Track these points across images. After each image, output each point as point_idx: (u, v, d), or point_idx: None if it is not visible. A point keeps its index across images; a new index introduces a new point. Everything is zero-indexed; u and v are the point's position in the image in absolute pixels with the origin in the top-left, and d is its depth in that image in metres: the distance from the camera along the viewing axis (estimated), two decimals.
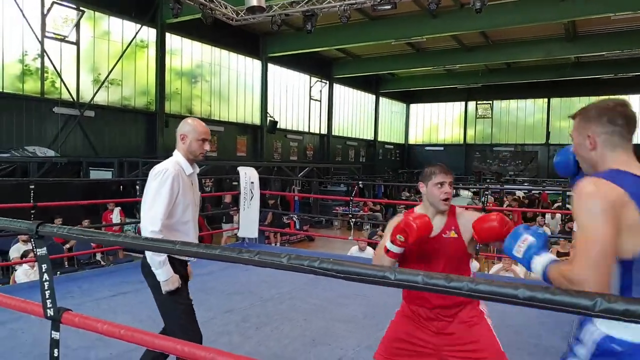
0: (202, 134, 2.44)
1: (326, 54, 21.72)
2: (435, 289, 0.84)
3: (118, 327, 1.29)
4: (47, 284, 1.42)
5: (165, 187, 2.31)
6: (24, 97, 12.28)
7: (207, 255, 1.11)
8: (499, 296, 0.79)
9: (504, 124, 28.72)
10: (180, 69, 16.73)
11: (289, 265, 0.99)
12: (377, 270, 0.88)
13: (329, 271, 0.93)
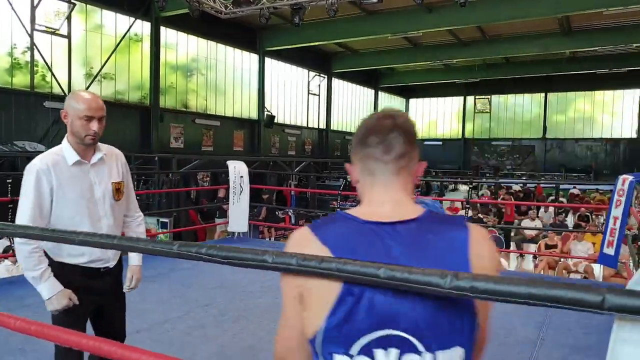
0: (85, 110, 1.95)
1: (324, 48, 21.64)
2: (309, 271, 0.81)
3: (29, 323, 1.25)
4: None
5: (27, 185, 1.94)
6: (14, 91, 12.19)
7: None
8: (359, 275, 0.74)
9: (502, 119, 28.69)
10: (175, 63, 16.66)
11: (177, 252, 0.95)
12: (257, 253, 0.85)
13: (214, 257, 0.90)
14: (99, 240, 1.07)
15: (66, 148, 2.01)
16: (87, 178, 2.04)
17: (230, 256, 0.88)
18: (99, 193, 2.07)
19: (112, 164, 2.15)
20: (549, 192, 14.53)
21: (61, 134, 11.42)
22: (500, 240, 8.42)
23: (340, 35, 17.53)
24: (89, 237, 1.09)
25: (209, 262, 0.92)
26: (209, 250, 0.92)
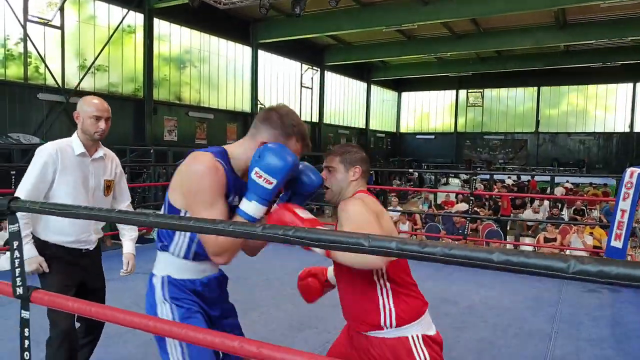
0: (94, 111, 2.31)
1: (317, 41, 21.57)
2: (409, 255, 0.81)
3: (89, 305, 1.25)
4: (17, 261, 1.37)
5: (35, 163, 2.26)
6: (7, 83, 12.04)
7: (174, 227, 1.06)
8: (474, 260, 0.75)
9: (495, 113, 28.80)
10: (168, 55, 16.53)
11: (263, 234, 0.94)
12: (352, 236, 0.85)
13: (303, 239, 0.90)
14: (171, 222, 1.07)
15: (75, 140, 2.36)
16: (86, 169, 2.38)
17: (322, 239, 0.87)
18: (92, 184, 2.41)
19: (108, 164, 2.50)
20: (543, 187, 14.64)
21: (55, 126, 11.40)
22: (499, 233, 8.48)
23: (334, 27, 17.46)
24: (160, 219, 1.08)
25: (296, 244, 0.91)
26: (296, 232, 0.91)
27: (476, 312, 3.88)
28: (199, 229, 1.06)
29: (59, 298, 1.34)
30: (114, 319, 1.20)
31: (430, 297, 4.14)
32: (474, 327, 3.54)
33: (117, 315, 1.17)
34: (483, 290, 4.49)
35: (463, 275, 5.04)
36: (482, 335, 3.40)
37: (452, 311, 3.88)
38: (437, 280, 4.81)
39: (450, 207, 12.56)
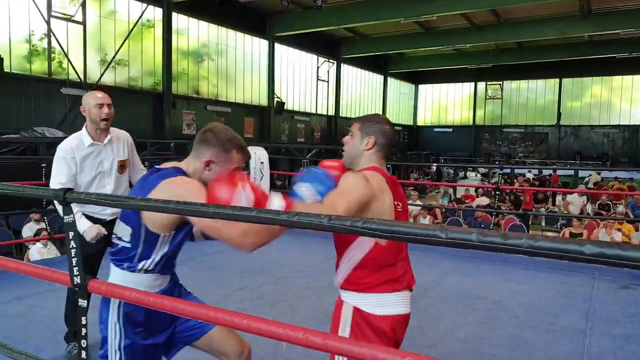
0: (96, 99, 2.71)
1: (334, 34, 21.47)
2: (491, 247, 0.79)
3: (147, 295, 1.26)
4: (73, 251, 1.39)
5: (57, 159, 2.66)
6: (32, 78, 12.25)
7: (243, 218, 1.07)
8: (563, 252, 0.73)
9: (514, 105, 28.39)
10: (186, 49, 16.61)
11: (330, 225, 0.94)
12: (427, 229, 0.84)
13: (374, 231, 0.89)
14: (242, 213, 1.07)
15: (84, 133, 2.72)
16: (99, 156, 2.73)
17: (394, 230, 0.87)
18: (107, 166, 2.75)
19: (120, 145, 2.83)
20: (565, 181, 14.39)
21: (78, 120, 11.56)
22: (522, 227, 8.39)
23: (352, 19, 17.34)
24: (220, 209, 1.09)
25: (364, 235, 0.91)
26: (364, 223, 0.91)
27: (506, 307, 3.85)
28: (259, 219, 1.06)
29: (116, 288, 1.36)
30: (173, 309, 1.21)
31: (456, 291, 4.13)
32: (505, 323, 3.51)
33: (177, 306, 1.18)
34: (511, 284, 4.45)
35: (489, 268, 5.00)
36: (514, 330, 3.37)
37: (481, 306, 3.86)
38: (462, 273, 4.78)
39: (471, 201, 12.46)
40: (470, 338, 3.22)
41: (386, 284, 1.64)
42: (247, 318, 1.10)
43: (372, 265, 1.64)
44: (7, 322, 3.27)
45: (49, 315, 3.42)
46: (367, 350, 0.93)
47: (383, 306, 1.64)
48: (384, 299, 1.65)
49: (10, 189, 1.53)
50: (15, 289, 3.93)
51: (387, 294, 1.65)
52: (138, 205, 1.41)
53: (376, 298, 1.64)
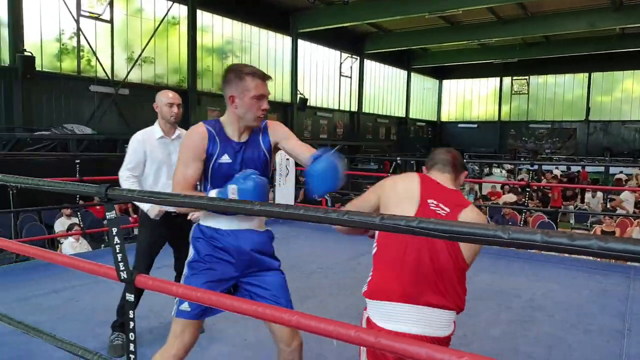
0: (168, 99, 2.96)
1: (357, 29, 21.36)
2: (558, 248, 0.77)
3: (194, 290, 1.27)
4: (118, 247, 1.41)
5: (129, 148, 2.95)
6: (62, 76, 12.52)
7: (291, 216, 1.06)
8: (637, 254, 0.71)
9: (541, 100, 27.82)
10: (211, 46, 16.74)
11: (382, 225, 0.93)
12: (488, 229, 0.82)
13: (430, 231, 0.88)
14: (279, 210, 1.07)
15: (156, 127, 3.00)
16: (167, 149, 2.99)
17: (452, 230, 0.85)
18: (174, 159, 2.79)
19: None
20: (594, 178, 14.04)
21: (106, 117, 11.77)
22: (551, 225, 8.24)
23: (376, 15, 17.22)
24: (267, 207, 1.09)
25: (421, 235, 0.90)
26: (420, 223, 0.89)
27: (540, 306, 3.78)
28: (312, 218, 1.06)
29: (163, 283, 1.37)
30: (220, 305, 1.21)
31: (488, 289, 4.08)
32: (540, 322, 3.45)
33: (224, 302, 1.19)
34: (545, 283, 4.38)
35: (521, 266, 4.93)
36: (550, 330, 3.31)
37: (514, 305, 3.80)
38: (493, 272, 4.72)
39: (497, 198, 12.29)
40: (505, 337, 3.18)
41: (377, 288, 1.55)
42: (297, 314, 1.09)
43: (379, 267, 1.58)
44: (47, 314, 3.34)
45: (86, 307, 3.49)
46: (422, 350, 0.92)
47: (386, 316, 1.53)
48: (383, 308, 1.55)
49: (53, 185, 1.56)
50: (50, 283, 4.02)
51: (393, 304, 1.53)
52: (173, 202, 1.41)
53: (380, 308, 1.55)
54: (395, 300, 1.51)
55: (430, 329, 1.52)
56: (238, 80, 1.84)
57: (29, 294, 3.77)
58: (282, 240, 6.03)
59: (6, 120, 11.31)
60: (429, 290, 1.52)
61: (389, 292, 1.53)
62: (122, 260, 1.40)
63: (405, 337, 1.31)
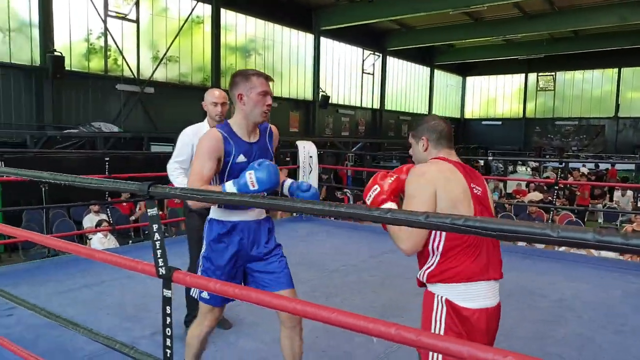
0: (212, 98, 3.05)
1: (380, 26, 21.26)
2: (610, 247, 0.76)
3: (232, 287, 1.29)
4: (158, 243, 1.44)
5: (179, 142, 3.05)
6: (90, 75, 12.78)
7: (332, 213, 1.07)
8: None
9: (568, 97, 27.27)
10: (234, 45, 16.86)
11: (427, 223, 0.93)
12: (536, 227, 0.82)
13: (476, 229, 0.88)
14: (322, 208, 1.08)
15: (204, 123, 3.09)
16: None
17: (501, 229, 0.85)
18: None
19: None
20: (623, 176, 13.73)
21: (132, 115, 11.99)
22: (578, 224, 8.09)
23: (399, 11, 17.11)
24: (308, 205, 1.10)
25: (468, 234, 0.90)
26: (466, 222, 0.89)
27: (569, 306, 3.72)
28: (354, 215, 1.06)
29: (200, 279, 1.40)
30: (258, 301, 1.23)
31: (515, 288, 4.04)
32: (569, 322, 3.40)
33: (262, 298, 1.20)
34: (574, 283, 4.30)
35: (548, 266, 4.85)
36: (579, 330, 3.25)
37: (542, 304, 3.75)
38: (521, 271, 4.65)
39: (522, 196, 12.11)
40: (533, 337, 3.14)
41: (467, 270, 1.61)
42: (336, 312, 1.10)
43: (456, 253, 1.61)
44: (79, 308, 3.42)
45: (116, 302, 3.57)
46: (464, 348, 0.92)
47: (474, 298, 1.62)
48: (473, 290, 1.62)
49: (98, 182, 1.60)
50: (81, 277, 4.11)
51: (474, 284, 1.61)
52: (220, 199, 1.44)
53: (465, 288, 1.62)
54: (489, 279, 1.64)
55: (495, 300, 1.68)
56: (245, 80, 2.06)
57: (64, 288, 3.87)
58: (306, 237, 6.05)
59: (37, 118, 11.60)
60: (497, 263, 1.70)
61: (471, 273, 1.62)
62: (162, 257, 1.43)
63: (489, 313, 1.61)
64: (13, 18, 11.31)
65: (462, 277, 1.60)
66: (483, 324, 1.62)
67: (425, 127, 1.82)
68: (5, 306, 3.36)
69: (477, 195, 1.68)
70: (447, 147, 1.80)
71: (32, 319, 3.12)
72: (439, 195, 1.60)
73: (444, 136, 1.79)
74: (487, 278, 1.62)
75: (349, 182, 16.43)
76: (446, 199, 1.60)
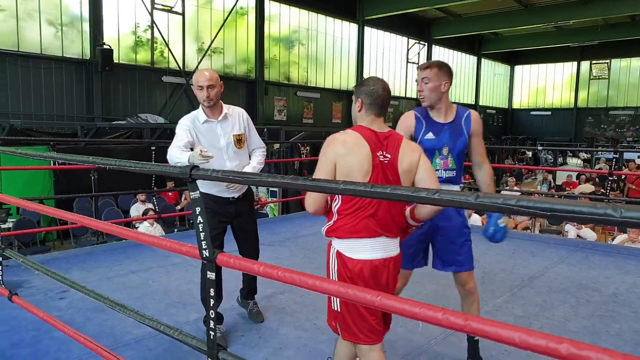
0: (197, 82, 2.74)
1: (425, 14, 20.87)
2: None
3: (275, 269, 1.28)
4: (201, 226, 1.44)
5: (176, 131, 2.79)
6: (137, 67, 13.12)
7: (377, 195, 1.04)
8: None
9: (623, 85, 26.00)
10: (278, 36, 16.91)
11: (477, 203, 0.89)
12: (596, 207, 0.76)
13: (530, 209, 0.82)
14: (364, 189, 1.04)
15: (200, 111, 2.82)
16: (214, 132, 2.80)
17: (555, 209, 0.80)
18: (224, 142, 2.81)
19: (235, 120, 2.87)
20: None
21: (178, 106, 12.23)
22: None
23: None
24: (350, 186, 1.07)
25: (521, 214, 0.84)
26: (519, 202, 0.84)
27: (624, 300, 3.55)
28: (398, 197, 1.03)
29: (244, 261, 1.40)
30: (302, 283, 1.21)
31: (565, 282, 3.88)
32: (624, 317, 3.24)
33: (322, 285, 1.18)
34: (628, 277, 4.10)
35: (600, 260, 4.65)
36: (635, 326, 3.10)
37: (595, 298, 3.59)
38: (571, 264, 4.48)
39: (573, 188, 11.67)
40: (585, 332, 3.01)
41: (358, 230, 1.81)
42: (380, 295, 1.07)
43: (347, 214, 1.82)
44: (127, 293, 3.53)
45: (161, 288, 3.65)
46: (516, 334, 0.87)
47: (361, 251, 1.81)
48: (357, 244, 1.81)
49: (142, 166, 1.61)
50: (128, 264, 4.23)
51: (359, 240, 1.81)
52: (261, 182, 1.43)
53: (350, 242, 1.82)
54: (360, 236, 1.82)
55: (384, 254, 1.85)
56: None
57: (112, 274, 3.99)
58: None
59: (87, 110, 12.02)
60: (389, 222, 1.87)
61: (355, 231, 1.82)
62: (205, 239, 1.43)
63: (373, 265, 1.80)
64: (65, 13, 11.72)
65: (349, 233, 1.80)
66: (367, 273, 1.80)
67: (363, 90, 1.91)
68: (58, 289, 3.50)
69: (382, 163, 1.84)
70: (375, 114, 1.91)
71: (83, 303, 3.23)
72: (337, 165, 1.80)
73: (377, 103, 1.89)
74: (373, 235, 1.81)
75: None
76: (343, 167, 1.79)
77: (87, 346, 2.02)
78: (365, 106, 1.90)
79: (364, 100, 1.90)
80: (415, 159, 1.90)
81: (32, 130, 9.77)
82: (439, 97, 2.44)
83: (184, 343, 1.54)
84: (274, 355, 2.65)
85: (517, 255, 4.77)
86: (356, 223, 1.80)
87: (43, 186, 8.58)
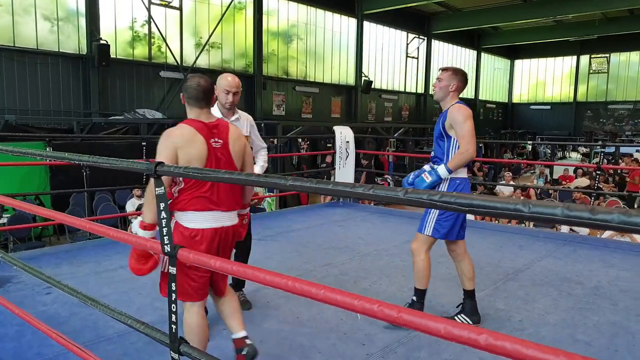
0: (224, 86, 2.97)
1: (424, 9, 20.81)
2: (577, 222, 0.73)
3: (230, 264, 1.32)
4: (164, 221, 1.48)
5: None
6: (134, 62, 13.13)
7: (322, 190, 1.07)
8: None
9: (622, 80, 25.94)
10: (276, 30, 16.90)
11: (405, 199, 0.92)
12: (508, 202, 0.79)
13: (450, 204, 0.86)
14: (310, 185, 1.08)
15: (215, 109, 2.93)
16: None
17: (473, 204, 0.83)
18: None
19: (243, 123, 3.19)
20: None
21: (175, 102, 12.25)
22: None
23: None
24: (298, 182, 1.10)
25: (444, 210, 0.88)
26: (442, 197, 0.88)
27: (604, 293, 3.59)
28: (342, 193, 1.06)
29: (202, 256, 1.43)
30: (254, 278, 1.25)
31: (549, 275, 3.92)
32: (603, 310, 3.28)
33: (258, 275, 1.22)
34: (612, 270, 4.14)
35: (587, 253, 4.68)
36: (613, 318, 3.14)
37: (577, 291, 3.63)
38: (557, 257, 4.52)
39: (569, 182, 11.68)
40: (563, 324, 3.05)
41: (193, 205, 2.09)
42: (324, 288, 1.11)
43: (186, 194, 2.09)
44: (115, 288, 3.58)
45: (149, 283, 3.68)
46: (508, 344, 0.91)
47: (191, 221, 2.10)
48: (192, 216, 2.10)
49: (110, 162, 1.65)
50: (119, 259, 4.28)
51: (195, 212, 2.09)
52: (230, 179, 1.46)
53: (186, 214, 2.10)
54: (196, 210, 2.10)
55: (217, 224, 2.14)
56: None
57: (101, 268, 4.04)
58: (342, 221, 6.07)
59: (84, 105, 12.05)
60: (228, 199, 2.18)
61: (191, 205, 2.10)
62: (167, 235, 1.47)
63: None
64: (61, 8, 11.73)
65: (186, 207, 2.08)
66: (202, 239, 2.09)
67: (184, 87, 2.20)
68: (45, 285, 3.55)
69: (215, 149, 2.12)
70: (198, 107, 2.17)
71: (68, 297, 3.26)
72: (179, 155, 2.04)
73: (194, 97, 2.15)
74: (208, 209, 2.10)
75: (390, 168, 16.30)
76: (184, 157, 2.04)
77: (61, 343, 2.07)
78: (187, 101, 2.17)
79: (185, 95, 2.17)
80: (243, 143, 2.26)
81: (28, 126, 9.81)
82: (446, 95, 2.88)
83: (149, 336, 1.58)
84: None
85: (505, 248, 4.81)
86: (192, 199, 2.08)
87: (39, 181, 8.62)
